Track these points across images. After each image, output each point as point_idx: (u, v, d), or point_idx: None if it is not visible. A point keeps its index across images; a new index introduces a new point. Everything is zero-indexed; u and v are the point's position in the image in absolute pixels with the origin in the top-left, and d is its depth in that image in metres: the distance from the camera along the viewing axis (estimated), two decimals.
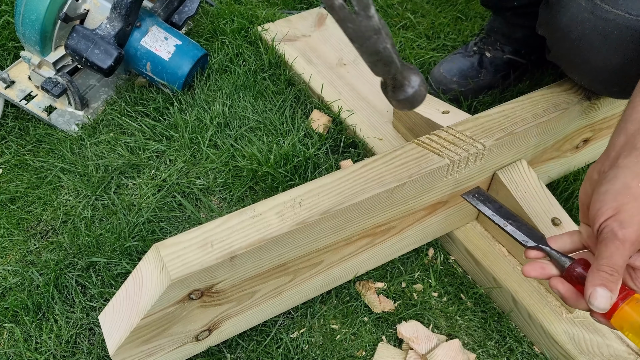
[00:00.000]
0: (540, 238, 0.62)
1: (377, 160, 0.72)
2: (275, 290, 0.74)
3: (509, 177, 0.81)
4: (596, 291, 0.52)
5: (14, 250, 0.92)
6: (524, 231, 0.64)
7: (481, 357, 0.79)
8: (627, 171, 0.55)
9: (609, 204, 0.54)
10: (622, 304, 0.53)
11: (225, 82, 1.15)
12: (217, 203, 0.98)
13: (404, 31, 1.34)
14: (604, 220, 0.54)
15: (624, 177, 0.55)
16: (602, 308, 0.52)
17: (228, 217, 0.65)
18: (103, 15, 1.07)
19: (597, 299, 0.52)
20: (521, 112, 0.80)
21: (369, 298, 0.84)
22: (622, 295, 0.53)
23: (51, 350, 0.79)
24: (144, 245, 0.89)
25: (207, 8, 1.38)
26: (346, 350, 0.79)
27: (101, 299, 0.84)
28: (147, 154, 1.05)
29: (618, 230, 0.52)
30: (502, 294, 0.83)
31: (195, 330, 0.70)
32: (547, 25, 0.80)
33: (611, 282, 0.52)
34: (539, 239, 0.62)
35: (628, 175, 0.55)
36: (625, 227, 0.52)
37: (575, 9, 0.73)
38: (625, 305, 0.53)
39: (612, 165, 0.57)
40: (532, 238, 0.62)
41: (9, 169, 1.06)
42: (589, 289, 0.53)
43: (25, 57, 1.10)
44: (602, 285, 0.52)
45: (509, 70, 1.13)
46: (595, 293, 0.52)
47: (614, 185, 0.55)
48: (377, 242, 0.79)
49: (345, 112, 1.06)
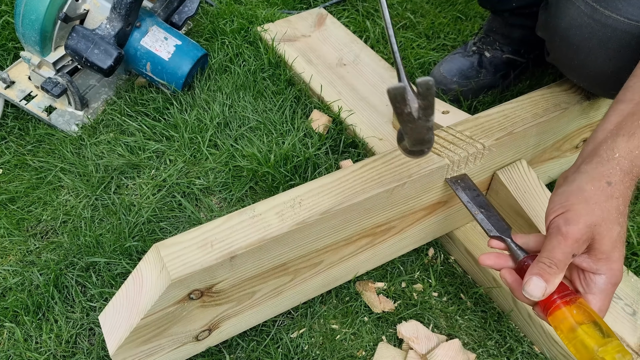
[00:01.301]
0: (505, 230, 0.65)
1: (377, 160, 0.72)
2: (275, 290, 0.74)
3: (509, 177, 0.81)
4: (531, 279, 0.55)
5: (14, 250, 0.92)
6: (493, 221, 0.67)
7: (481, 356, 0.79)
8: (584, 175, 0.58)
9: (560, 203, 0.57)
10: (563, 306, 0.55)
11: (225, 82, 1.15)
12: (217, 203, 0.98)
13: (403, 31, 1.34)
14: (552, 217, 0.57)
15: (579, 180, 0.58)
16: (534, 296, 0.55)
17: (228, 217, 0.65)
18: (103, 15, 1.07)
19: (530, 287, 0.55)
20: (521, 112, 0.80)
21: (369, 298, 0.84)
22: (568, 300, 0.55)
23: (51, 350, 0.79)
24: (144, 245, 0.89)
25: (207, 8, 1.38)
26: (346, 350, 0.79)
27: (101, 299, 0.84)
28: (147, 154, 1.05)
29: (562, 226, 0.55)
30: (502, 293, 0.83)
31: (195, 330, 0.70)
32: (547, 28, 0.80)
33: (548, 273, 0.55)
34: (504, 231, 0.65)
35: (584, 179, 0.57)
36: (570, 224, 0.55)
37: (574, 13, 0.73)
38: (565, 307, 0.55)
39: (574, 171, 0.60)
40: (497, 228, 0.65)
41: (9, 169, 1.06)
42: (526, 277, 0.56)
43: (25, 57, 1.10)
44: (539, 275, 0.55)
45: (509, 69, 1.13)
46: (530, 281, 0.55)
47: (569, 187, 0.58)
48: (377, 242, 0.79)
49: (345, 112, 1.07)
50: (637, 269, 0.87)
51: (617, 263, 0.56)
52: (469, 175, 0.75)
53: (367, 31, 1.32)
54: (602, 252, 0.55)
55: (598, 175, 0.57)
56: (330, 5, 1.42)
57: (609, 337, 0.52)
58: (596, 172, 0.57)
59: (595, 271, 0.56)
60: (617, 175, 0.56)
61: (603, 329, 0.53)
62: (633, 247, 0.89)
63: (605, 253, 0.55)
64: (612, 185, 0.56)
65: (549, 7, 0.78)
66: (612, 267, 0.56)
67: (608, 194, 0.55)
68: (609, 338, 0.52)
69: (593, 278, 0.57)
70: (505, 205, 0.83)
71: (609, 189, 0.56)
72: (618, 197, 0.56)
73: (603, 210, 0.55)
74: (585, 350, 0.52)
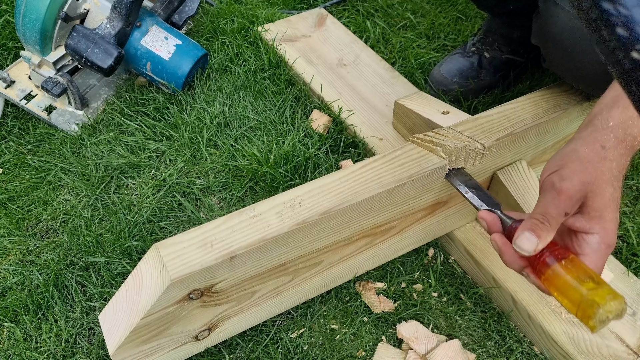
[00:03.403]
0: (495, 204, 0.65)
1: (377, 161, 0.72)
2: (275, 290, 0.74)
3: (508, 178, 0.81)
4: (523, 234, 0.54)
5: (14, 249, 0.92)
6: (482, 198, 0.67)
7: (481, 357, 0.79)
8: (578, 140, 0.59)
9: (555, 162, 0.58)
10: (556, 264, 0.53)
11: (225, 82, 1.15)
12: (217, 203, 0.98)
13: (404, 31, 1.34)
14: (546, 175, 0.57)
15: (574, 144, 0.59)
16: (524, 249, 0.53)
17: (228, 217, 0.65)
18: (103, 14, 1.07)
19: (522, 241, 0.53)
20: (521, 113, 0.80)
21: (369, 298, 0.84)
22: (560, 256, 0.53)
23: (51, 350, 0.79)
24: (144, 245, 0.89)
25: (207, 8, 1.38)
26: (346, 350, 0.79)
27: (101, 299, 0.84)
28: (147, 154, 1.05)
29: (557, 182, 0.55)
30: (501, 294, 0.83)
31: (195, 330, 0.70)
32: (540, 35, 0.81)
33: (540, 229, 0.53)
34: (494, 204, 0.65)
35: (578, 142, 0.59)
36: (564, 180, 0.55)
37: (565, 17, 0.74)
38: (557, 264, 0.53)
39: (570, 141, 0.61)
40: (487, 203, 0.66)
41: (9, 168, 1.06)
42: (517, 233, 0.54)
43: (26, 57, 1.10)
44: (530, 230, 0.53)
45: (508, 69, 1.13)
46: (522, 235, 0.54)
47: (564, 150, 0.59)
48: (377, 242, 0.79)
49: (345, 112, 1.07)
50: (637, 269, 0.87)
51: (610, 223, 0.54)
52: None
53: (367, 31, 1.32)
54: (595, 209, 0.54)
55: (592, 140, 0.58)
56: (330, 6, 1.42)
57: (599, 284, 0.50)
58: (590, 137, 0.58)
59: (588, 230, 0.55)
60: (611, 141, 0.57)
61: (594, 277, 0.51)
62: (633, 248, 0.90)
63: (598, 211, 0.54)
64: (605, 149, 0.57)
65: (541, 15, 0.79)
66: (605, 227, 0.54)
67: (602, 156, 0.56)
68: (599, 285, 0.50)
69: (586, 238, 0.55)
70: (505, 206, 0.82)
71: (602, 152, 0.57)
72: (612, 160, 0.56)
73: (596, 170, 0.55)
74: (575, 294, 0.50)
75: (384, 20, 1.36)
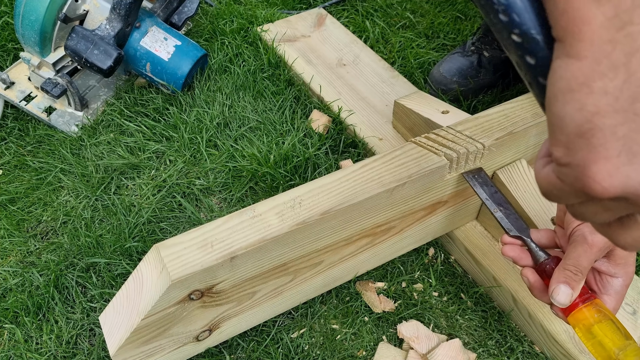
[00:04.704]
0: (525, 229, 0.66)
1: (377, 161, 0.72)
2: (275, 291, 0.74)
3: (508, 177, 0.81)
4: (559, 287, 0.57)
5: (14, 251, 0.92)
6: (512, 220, 0.67)
7: (482, 356, 0.80)
8: None
9: None
10: (581, 306, 0.57)
11: (225, 83, 1.15)
12: (217, 203, 0.98)
13: (403, 31, 1.34)
14: (577, 225, 0.59)
15: None
16: (562, 303, 0.57)
17: (228, 218, 0.65)
18: (102, 15, 1.07)
19: (559, 294, 0.57)
20: (521, 112, 0.80)
21: (369, 298, 0.84)
22: (584, 298, 0.58)
23: (51, 351, 0.79)
24: (144, 245, 0.89)
25: (206, 8, 1.38)
26: (346, 350, 0.79)
27: (101, 300, 0.84)
28: (147, 155, 1.05)
29: (588, 235, 0.57)
30: (502, 293, 0.83)
31: (196, 331, 0.70)
32: None
33: (574, 280, 0.57)
34: (523, 230, 0.66)
35: None
36: (595, 234, 0.57)
37: None
38: (584, 307, 0.57)
39: None
40: (516, 227, 0.66)
41: (9, 169, 1.06)
42: (553, 284, 0.58)
43: (25, 58, 1.10)
44: (565, 283, 0.57)
45: (508, 68, 1.13)
46: (558, 289, 0.57)
47: None
48: (377, 242, 0.79)
49: (345, 112, 1.07)
50: (637, 268, 0.87)
51: (632, 266, 0.59)
52: (484, 170, 0.76)
53: (366, 31, 1.32)
54: (621, 257, 0.59)
55: None
56: (329, 6, 1.42)
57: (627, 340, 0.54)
58: None
59: (613, 275, 0.59)
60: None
61: (620, 329, 0.55)
62: None
63: (624, 258, 0.59)
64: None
65: None
66: (628, 271, 0.59)
67: None
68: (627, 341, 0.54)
69: (610, 280, 0.60)
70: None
71: None
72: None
73: None
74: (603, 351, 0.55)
75: (383, 20, 1.36)
